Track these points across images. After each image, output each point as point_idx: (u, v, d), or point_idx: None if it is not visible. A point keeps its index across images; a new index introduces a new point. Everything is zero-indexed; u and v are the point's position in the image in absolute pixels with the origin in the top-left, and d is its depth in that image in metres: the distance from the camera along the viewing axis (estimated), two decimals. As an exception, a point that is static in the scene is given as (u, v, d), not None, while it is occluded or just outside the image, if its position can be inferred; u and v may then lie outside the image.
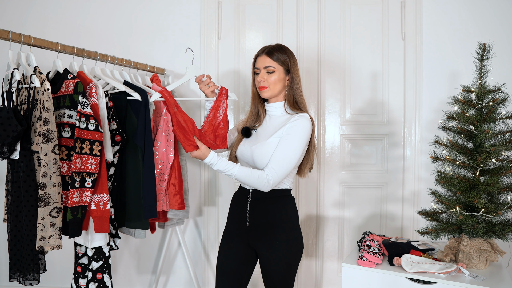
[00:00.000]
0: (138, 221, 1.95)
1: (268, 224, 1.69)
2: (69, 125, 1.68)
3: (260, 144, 1.67)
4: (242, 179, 1.63)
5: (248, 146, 1.71)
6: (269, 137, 1.67)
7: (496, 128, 1.76)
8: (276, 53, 1.69)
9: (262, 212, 1.69)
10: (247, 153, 1.71)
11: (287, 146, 1.62)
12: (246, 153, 1.71)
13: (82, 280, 1.85)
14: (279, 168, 1.61)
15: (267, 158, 1.63)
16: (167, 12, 2.74)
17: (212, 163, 1.63)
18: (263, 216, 1.69)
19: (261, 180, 1.61)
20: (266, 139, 1.67)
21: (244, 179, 1.62)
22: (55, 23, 2.76)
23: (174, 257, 2.84)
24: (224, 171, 1.62)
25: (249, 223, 1.71)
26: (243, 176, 1.62)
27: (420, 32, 2.62)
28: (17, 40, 1.57)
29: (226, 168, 1.62)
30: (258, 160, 1.66)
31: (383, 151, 2.71)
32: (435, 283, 1.59)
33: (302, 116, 1.66)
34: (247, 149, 1.71)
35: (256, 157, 1.66)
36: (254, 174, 1.61)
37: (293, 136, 1.62)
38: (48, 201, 1.54)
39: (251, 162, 1.71)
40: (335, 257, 2.76)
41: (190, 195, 2.74)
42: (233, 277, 1.74)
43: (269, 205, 1.69)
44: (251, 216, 1.71)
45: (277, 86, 1.70)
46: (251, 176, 1.61)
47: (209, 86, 1.81)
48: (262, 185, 1.61)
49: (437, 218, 1.84)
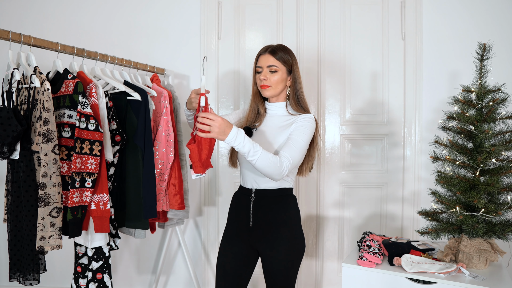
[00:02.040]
0: (138, 221, 1.95)
1: (272, 223, 1.69)
2: (69, 125, 1.68)
3: (267, 146, 1.66)
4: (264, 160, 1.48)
5: None
6: (275, 138, 1.67)
7: (496, 128, 1.76)
8: (279, 52, 1.70)
9: (265, 211, 1.69)
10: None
11: (298, 138, 1.61)
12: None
13: (82, 280, 1.85)
14: (292, 155, 1.56)
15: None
16: (167, 12, 2.75)
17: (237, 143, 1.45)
18: (267, 216, 1.69)
19: (279, 167, 1.52)
20: (273, 139, 1.67)
21: (266, 160, 1.49)
22: (55, 23, 2.76)
23: (174, 257, 2.84)
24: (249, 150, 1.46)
25: (252, 223, 1.70)
26: (265, 158, 1.48)
27: (420, 32, 2.62)
28: (17, 40, 1.57)
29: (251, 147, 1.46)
30: None
31: (383, 151, 2.71)
32: (435, 283, 1.59)
33: (308, 116, 1.69)
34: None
35: None
36: (275, 159, 1.51)
37: (302, 131, 1.63)
38: (48, 201, 1.54)
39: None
40: (335, 257, 2.76)
41: (190, 195, 2.74)
42: (233, 277, 1.74)
43: (272, 204, 1.69)
44: (254, 216, 1.70)
45: (279, 85, 1.71)
46: (272, 159, 1.49)
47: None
48: (279, 171, 1.53)
49: (437, 218, 1.84)
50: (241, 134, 1.46)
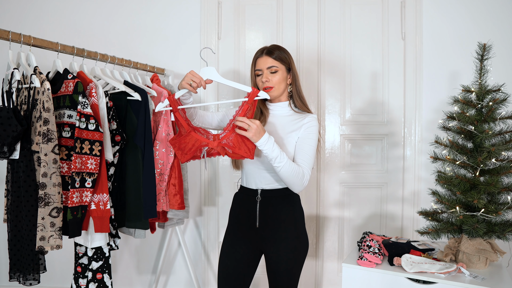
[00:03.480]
0: (138, 221, 1.95)
1: (279, 223, 1.69)
2: (69, 125, 1.68)
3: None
4: (288, 170, 1.55)
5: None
6: (285, 137, 1.68)
7: (496, 128, 1.76)
8: (276, 52, 1.71)
9: (272, 211, 1.69)
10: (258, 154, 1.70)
11: (309, 148, 1.65)
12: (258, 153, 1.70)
13: (82, 280, 1.85)
14: (309, 167, 1.64)
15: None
16: (167, 12, 2.75)
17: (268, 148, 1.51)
18: (274, 216, 1.69)
19: (302, 177, 1.59)
20: (280, 140, 1.67)
21: (291, 170, 1.55)
22: (55, 23, 2.76)
23: (174, 257, 2.84)
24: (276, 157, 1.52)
25: (259, 223, 1.70)
26: (290, 168, 1.55)
27: (420, 32, 2.62)
28: (17, 40, 1.57)
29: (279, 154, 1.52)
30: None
31: (383, 151, 2.71)
32: (435, 283, 1.59)
33: (313, 118, 1.71)
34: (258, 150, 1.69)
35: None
36: (299, 169, 1.58)
37: (312, 139, 1.67)
38: (48, 201, 1.54)
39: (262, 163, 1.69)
40: (335, 257, 2.76)
41: (190, 195, 2.74)
42: (236, 279, 1.74)
43: (279, 204, 1.70)
44: (261, 217, 1.70)
45: (281, 85, 1.72)
46: (296, 170, 1.57)
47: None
48: (301, 181, 1.60)
49: (437, 218, 1.84)
50: (272, 139, 1.54)
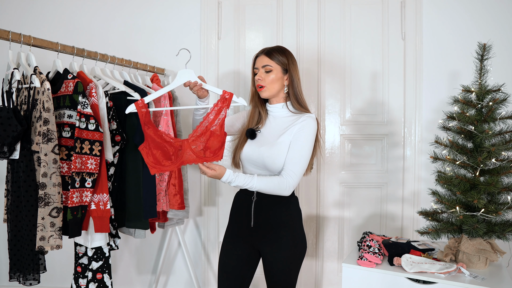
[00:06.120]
0: (138, 221, 1.95)
1: (273, 223, 1.69)
2: (69, 125, 1.68)
3: (269, 146, 1.66)
4: (263, 188, 1.60)
5: (255, 148, 1.69)
6: (278, 138, 1.67)
7: (496, 128, 1.76)
8: (275, 53, 1.71)
9: (267, 212, 1.69)
10: (254, 155, 1.69)
11: (301, 147, 1.63)
12: (253, 155, 1.69)
13: (82, 280, 1.85)
14: (296, 170, 1.63)
15: (279, 159, 1.64)
16: (167, 12, 2.75)
17: (230, 180, 1.58)
18: (269, 216, 1.69)
19: (282, 186, 1.61)
20: (275, 140, 1.67)
21: (265, 188, 1.60)
22: (55, 23, 2.76)
23: (174, 257, 2.84)
24: (244, 185, 1.59)
25: (253, 223, 1.70)
26: (263, 186, 1.60)
27: (420, 32, 2.62)
28: (17, 40, 1.57)
29: (245, 183, 1.59)
30: (269, 162, 1.65)
31: (383, 151, 2.71)
32: (435, 283, 1.59)
33: (309, 116, 1.68)
34: (254, 150, 1.69)
35: (267, 159, 1.65)
36: (274, 181, 1.61)
37: (305, 137, 1.65)
38: (48, 201, 1.54)
39: (259, 163, 1.69)
40: (335, 257, 2.76)
41: (190, 195, 2.74)
42: (236, 278, 1.74)
43: (274, 205, 1.69)
44: (256, 217, 1.70)
45: (275, 85, 1.70)
46: (271, 184, 1.60)
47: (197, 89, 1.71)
48: (283, 190, 1.62)
49: (437, 218, 1.84)
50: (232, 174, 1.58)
